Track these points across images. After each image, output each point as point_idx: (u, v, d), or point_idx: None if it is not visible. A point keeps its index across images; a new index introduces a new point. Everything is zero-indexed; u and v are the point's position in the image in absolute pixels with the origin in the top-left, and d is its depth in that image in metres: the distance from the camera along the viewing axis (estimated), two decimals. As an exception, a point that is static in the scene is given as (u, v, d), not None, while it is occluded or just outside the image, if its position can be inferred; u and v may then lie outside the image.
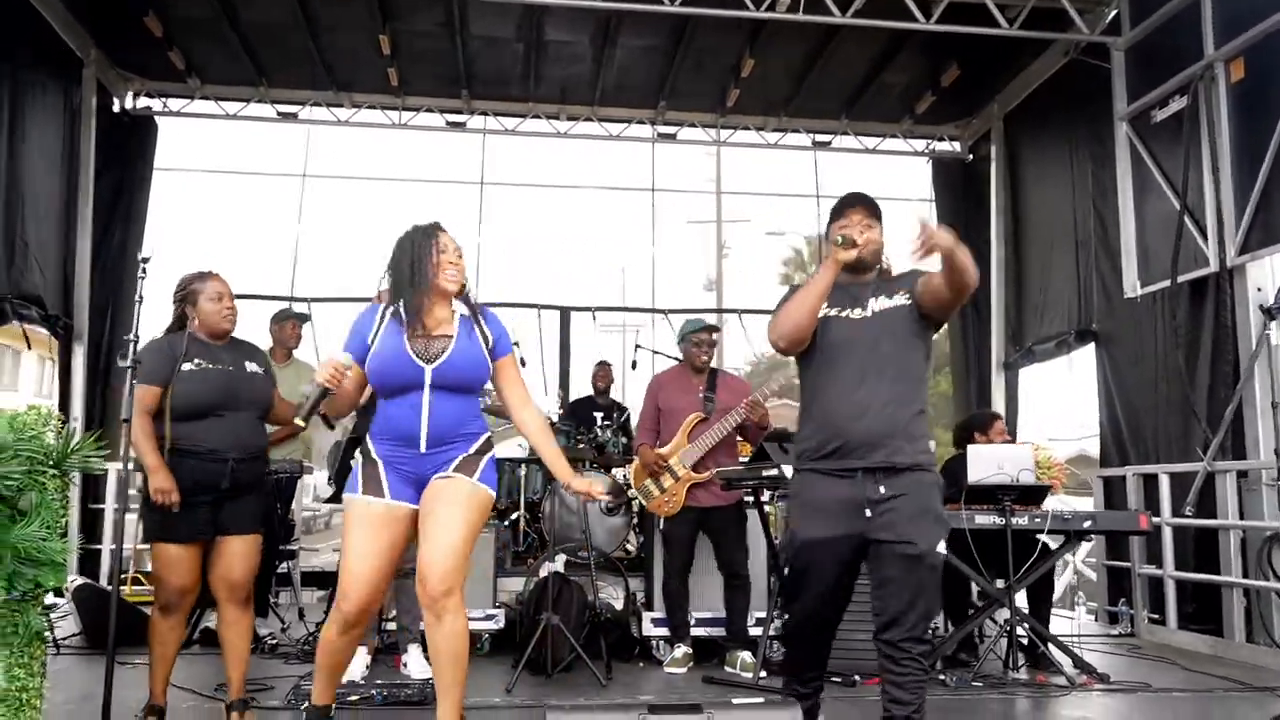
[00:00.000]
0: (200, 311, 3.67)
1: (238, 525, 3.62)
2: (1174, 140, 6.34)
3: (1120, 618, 6.48)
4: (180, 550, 3.54)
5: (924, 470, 2.93)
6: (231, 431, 3.60)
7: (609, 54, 8.23)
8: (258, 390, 3.73)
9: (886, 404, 2.93)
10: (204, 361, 3.63)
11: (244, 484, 3.62)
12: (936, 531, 2.89)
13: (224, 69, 8.52)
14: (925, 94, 8.88)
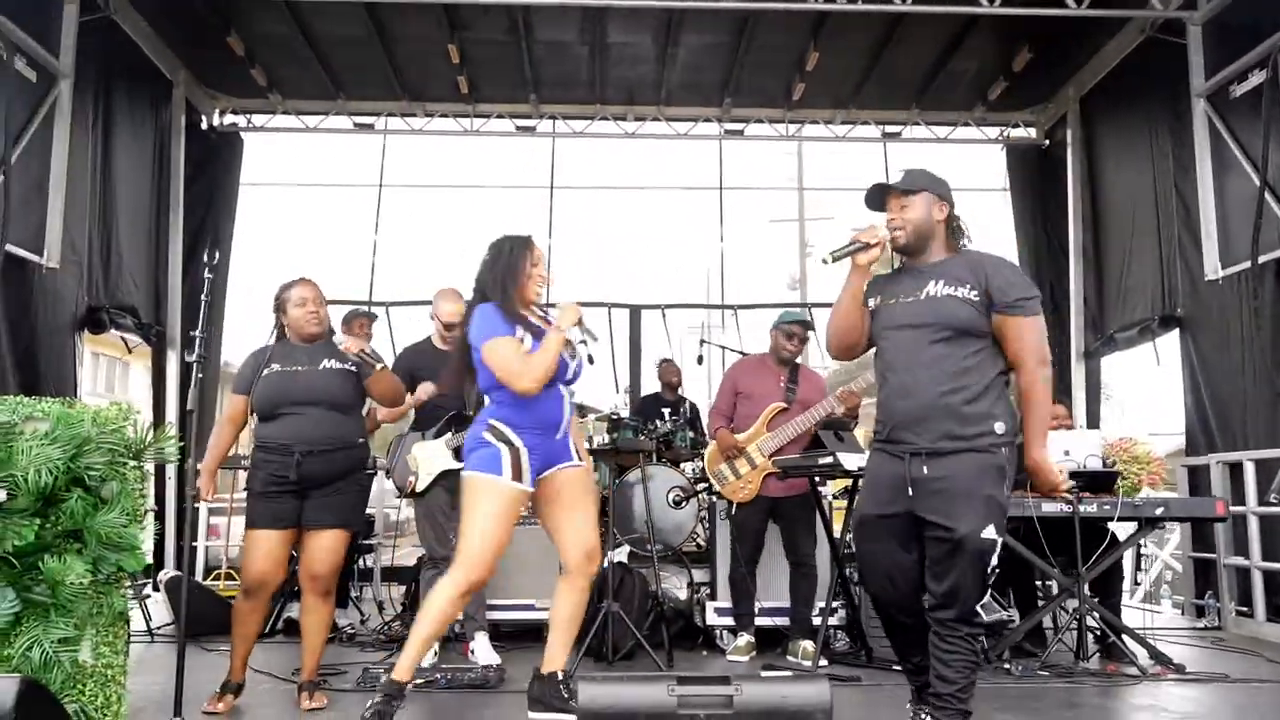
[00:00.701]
0: (289, 317, 3.92)
1: (320, 520, 3.83)
2: (1254, 115, 6.11)
3: (1206, 611, 6.26)
4: (261, 536, 3.76)
5: (978, 452, 2.92)
6: (298, 427, 3.80)
7: (672, 53, 8.29)
8: (328, 385, 3.89)
9: (935, 386, 2.97)
10: (280, 365, 3.88)
11: (320, 476, 3.80)
12: (983, 515, 2.88)
13: (303, 84, 8.85)
14: (997, 80, 8.70)
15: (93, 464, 3.31)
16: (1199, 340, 6.91)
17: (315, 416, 3.83)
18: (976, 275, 3.00)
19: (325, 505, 3.83)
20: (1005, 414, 2.98)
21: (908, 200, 3.10)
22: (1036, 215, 9.27)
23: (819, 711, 2.34)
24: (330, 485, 3.84)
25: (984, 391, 2.97)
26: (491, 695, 4.08)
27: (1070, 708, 3.94)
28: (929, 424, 2.97)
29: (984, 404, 2.96)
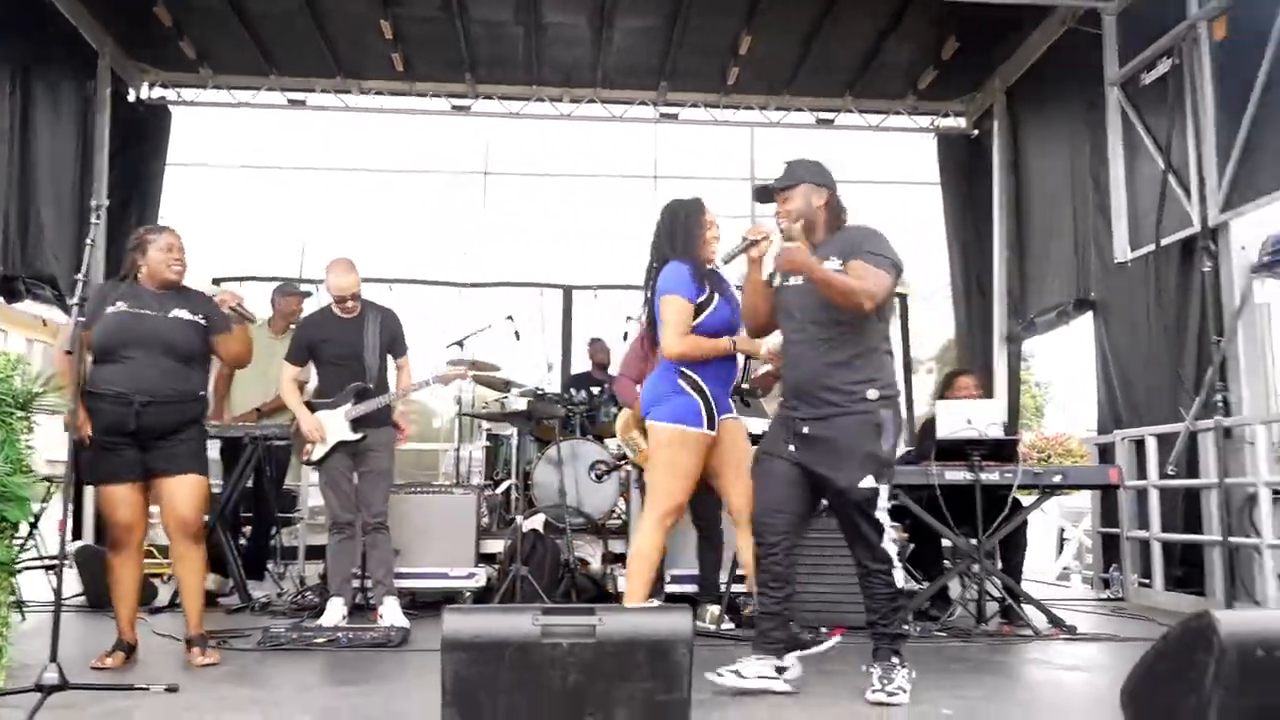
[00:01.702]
0: (149, 259, 3.82)
1: (171, 467, 3.75)
2: (1160, 102, 6.30)
3: (1111, 583, 6.46)
4: (116, 489, 3.69)
5: (854, 414, 3.25)
6: (139, 374, 3.68)
7: (607, 35, 8.33)
8: (175, 333, 3.78)
9: (814, 357, 3.32)
10: (127, 305, 3.73)
11: (158, 427, 3.70)
12: (861, 468, 3.21)
13: (233, 58, 8.75)
14: (928, 69, 8.85)
15: (-25, 413, 3.29)
16: (1109, 322, 7.12)
17: (156, 363, 3.73)
18: (844, 248, 3.31)
19: (172, 454, 3.75)
20: (881, 380, 3.30)
21: (788, 194, 3.41)
22: (965, 204, 9.46)
23: (680, 641, 2.40)
24: (173, 435, 3.75)
25: (861, 361, 3.29)
26: (392, 653, 4.09)
27: (960, 661, 4.06)
28: (812, 390, 3.31)
29: (860, 373, 3.27)
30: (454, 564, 5.44)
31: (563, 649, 2.36)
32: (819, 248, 3.35)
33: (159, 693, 3.13)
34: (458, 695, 2.36)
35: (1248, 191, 5.54)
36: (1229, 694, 2.44)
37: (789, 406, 3.41)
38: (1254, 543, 5.28)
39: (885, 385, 3.30)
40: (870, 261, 3.23)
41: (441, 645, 2.34)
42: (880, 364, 3.33)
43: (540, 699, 2.37)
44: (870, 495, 3.22)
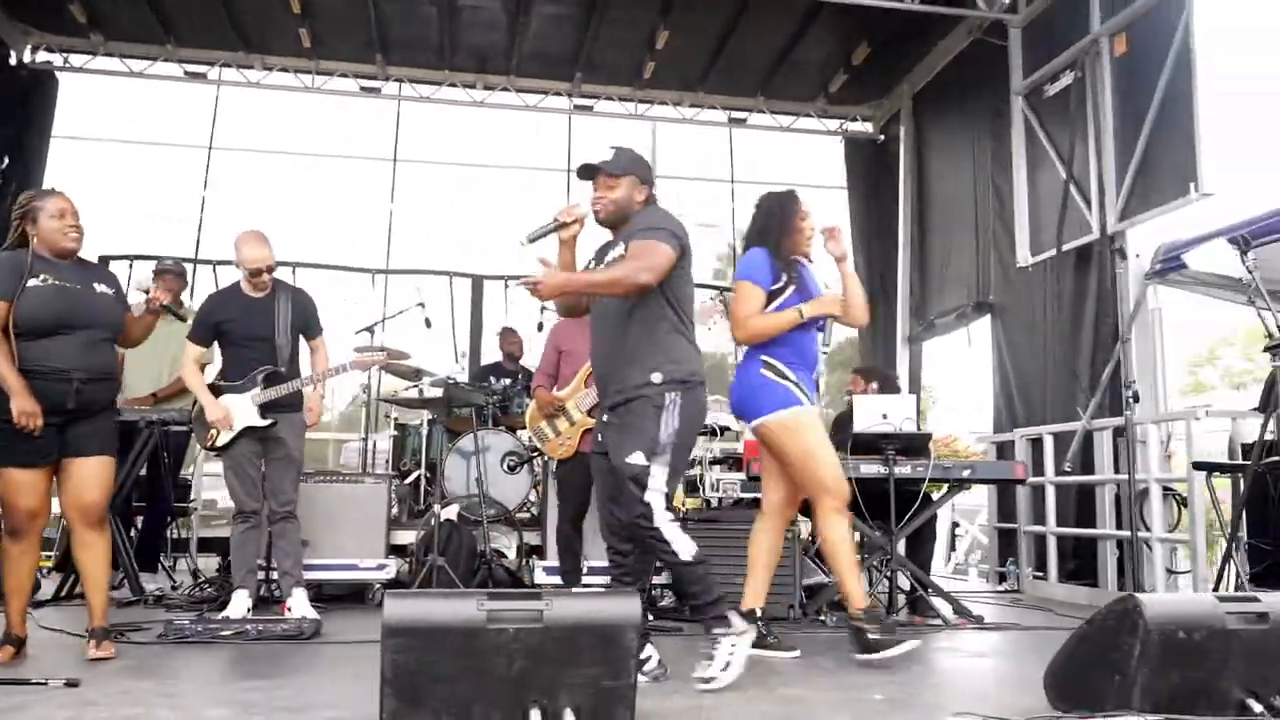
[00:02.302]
0: (40, 230, 3.54)
1: (87, 447, 3.55)
2: (1063, 113, 6.59)
3: (1007, 576, 6.69)
4: (25, 474, 3.46)
5: (636, 400, 3.23)
6: (77, 351, 3.50)
7: (523, 21, 8.23)
8: (107, 310, 3.64)
9: (606, 350, 3.37)
10: (50, 278, 3.51)
11: (91, 405, 3.55)
12: (629, 445, 3.20)
13: (128, 24, 8.35)
14: (838, 73, 9.05)
15: None
16: (1007, 324, 7.39)
17: (92, 341, 3.55)
18: (629, 233, 3.29)
19: (93, 431, 3.57)
20: (669, 363, 3.24)
21: (615, 181, 3.34)
22: (870, 207, 9.69)
23: (629, 625, 2.36)
24: (96, 415, 3.59)
25: (646, 345, 3.26)
26: (304, 645, 3.94)
27: (876, 650, 4.13)
28: (607, 382, 3.36)
29: (647, 358, 3.24)
30: (364, 555, 5.28)
31: (509, 634, 2.29)
32: (618, 238, 3.35)
33: (58, 687, 2.93)
34: (398, 683, 2.27)
35: (1144, 202, 5.83)
36: (1152, 673, 2.54)
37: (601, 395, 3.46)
38: (1145, 536, 5.54)
39: (673, 367, 3.23)
40: (643, 238, 3.19)
41: (382, 631, 2.25)
42: (669, 345, 3.27)
43: (484, 686, 2.30)
44: (639, 472, 3.16)
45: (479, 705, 2.31)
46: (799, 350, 3.74)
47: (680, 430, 3.22)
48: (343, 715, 2.70)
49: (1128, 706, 2.54)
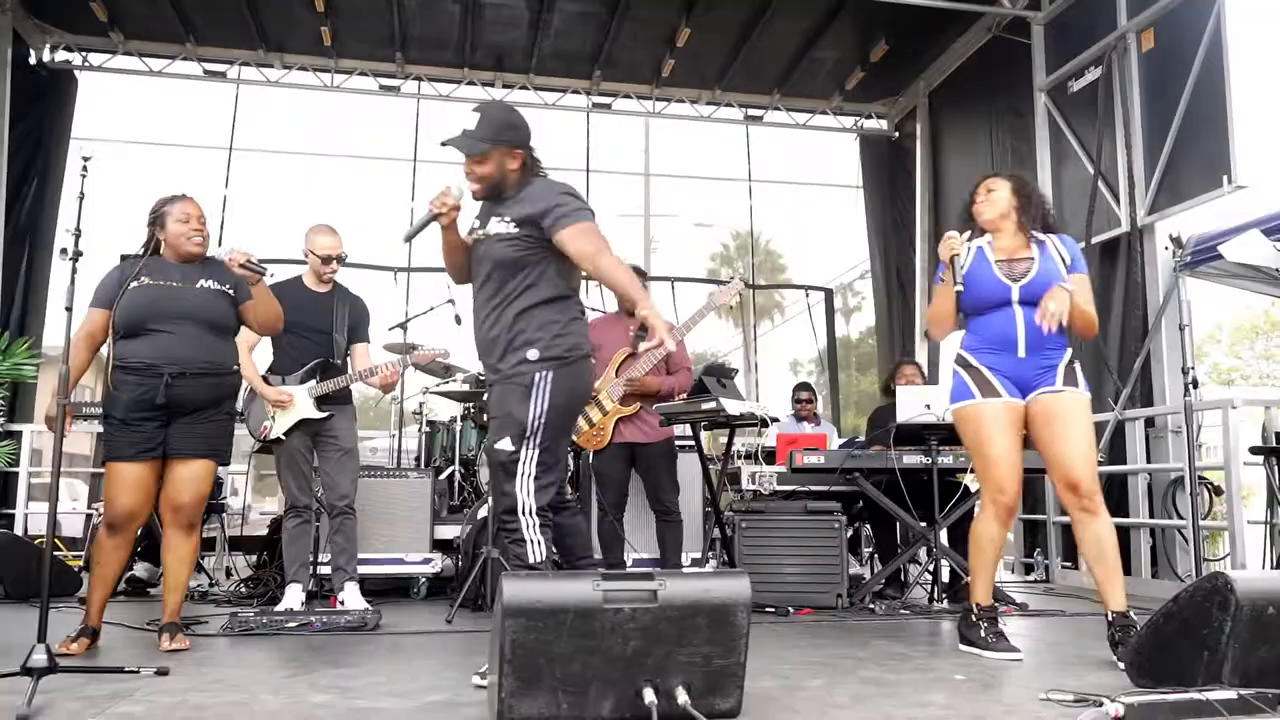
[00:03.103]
0: (168, 233, 3.63)
1: (185, 448, 3.57)
2: (1089, 109, 6.65)
3: (1035, 567, 6.76)
4: (125, 468, 3.49)
5: (509, 381, 3.07)
6: (169, 345, 3.51)
7: (546, 19, 8.26)
8: (203, 304, 3.62)
9: (485, 322, 3.14)
10: (149, 279, 3.57)
11: (187, 401, 3.55)
12: (501, 429, 3.07)
13: (148, 23, 8.34)
14: (855, 70, 9.10)
15: (-61, 377, 3.04)
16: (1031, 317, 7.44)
17: (187, 335, 3.55)
18: (531, 210, 3.08)
19: (193, 432, 3.57)
20: (545, 337, 3.06)
21: (482, 159, 3.13)
22: (886, 202, 9.76)
23: (740, 605, 2.41)
24: (199, 411, 3.58)
25: (525, 321, 3.06)
26: (371, 635, 3.96)
27: (930, 635, 4.19)
28: (486, 357, 3.17)
29: (523, 335, 3.06)
30: (409, 549, 5.30)
31: (624, 614, 2.33)
32: (503, 206, 3.13)
33: (149, 676, 2.95)
34: (517, 663, 2.30)
35: (1174, 195, 5.90)
36: (1243, 649, 2.59)
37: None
38: (1177, 524, 5.62)
39: (551, 343, 3.06)
40: (562, 227, 3.02)
41: (502, 611, 2.28)
42: (549, 321, 3.08)
43: (600, 665, 2.34)
44: (507, 459, 3.01)
45: (595, 684, 2.35)
46: (984, 334, 3.56)
47: (552, 410, 3.04)
48: (447, 698, 2.72)
49: (1218, 682, 2.60)
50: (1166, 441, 5.89)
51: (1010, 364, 3.49)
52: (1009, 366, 3.50)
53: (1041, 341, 3.45)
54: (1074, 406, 3.45)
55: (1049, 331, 3.35)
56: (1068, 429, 3.41)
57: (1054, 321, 3.30)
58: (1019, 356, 3.48)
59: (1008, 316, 3.50)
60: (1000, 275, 3.51)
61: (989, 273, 3.53)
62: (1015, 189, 3.65)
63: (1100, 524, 3.38)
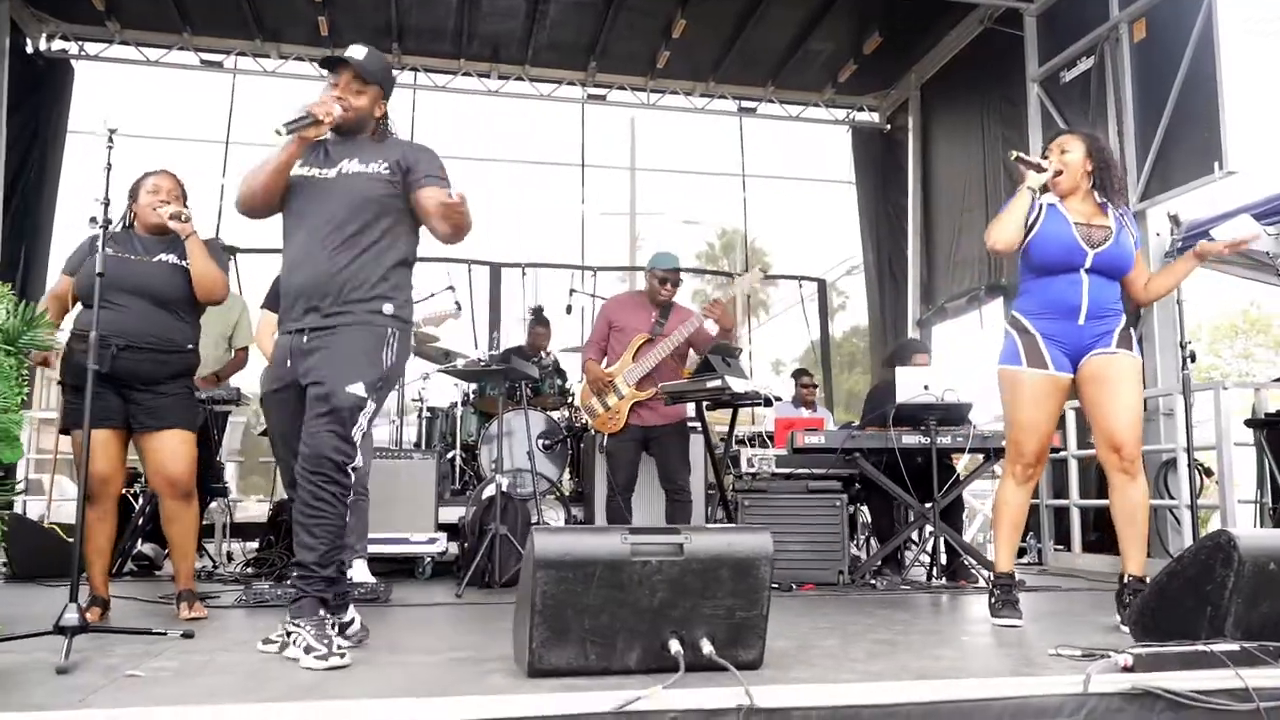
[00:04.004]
0: (139, 204, 3.67)
1: (150, 421, 3.57)
2: (1081, 99, 6.76)
3: (1028, 550, 6.86)
4: (92, 435, 3.48)
5: (363, 326, 2.92)
6: (119, 319, 3.45)
7: (543, 10, 8.29)
8: (155, 278, 3.57)
9: (336, 259, 2.94)
10: (113, 251, 3.47)
11: (139, 375, 3.52)
12: (351, 371, 2.87)
13: (144, 13, 8.32)
14: (848, 62, 9.18)
15: (-36, 347, 3.07)
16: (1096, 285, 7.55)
17: (139, 310, 3.52)
18: (393, 163, 3.04)
19: (154, 408, 3.56)
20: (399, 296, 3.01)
21: (364, 88, 3.11)
22: (878, 195, 9.86)
23: (762, 559, 2.48)
24: (155, 385, 3.56)
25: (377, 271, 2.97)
26: (385, 607, 4.02)
27: (933, 606, 4.29)
28: (326, 292, 2.95)
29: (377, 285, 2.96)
30: (414, 529, 5.35)
31: (651, 566, 2.40)
32: (358, 149, 3.07)
33: (176, 638, 3.00)
34: (548, 614, 2.36)
35: (1165, 182, 6.01)
36: (1245, 604, 2.68)
37: (292, 316, 3.03)
38: (1169, 504, 5.74)
39: (401, 305, 3.03)
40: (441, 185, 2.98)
41: (534, 564, 2.35)
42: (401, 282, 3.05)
43: (627, 616, 2.40)
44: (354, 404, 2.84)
45: (622, 635, 2.42)
46: (1043, 298, 3.49)
47: (394, 369, 3.00)
48: (471, 655, 2.79)
49: (1221, 636, 2.68)
50: (1159, 424, 5.99)
51: (1067, 331, 3.45)
52: (1065, 334, 3.46)
53: (1102, 309, 3.44)
54: (1126, 369, 3.44)
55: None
56: (1116, 390, 3.42)
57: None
58: (1078, 324, 3.44)
59: (1073, 281, 3.43)
60: (1079, 239, 3.42)
61: (1068, 233, 3.43)
62: (1090, 150, 3.57)
63: (1136, 489, 3.46)
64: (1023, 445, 3.52)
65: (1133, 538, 3.50)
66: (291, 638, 2.73)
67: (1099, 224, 3.48)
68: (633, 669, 2.40)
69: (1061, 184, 3.53)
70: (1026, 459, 3.53)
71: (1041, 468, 3.69)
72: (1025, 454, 3.53)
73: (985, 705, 2.32)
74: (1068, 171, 3.52)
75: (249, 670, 2.58)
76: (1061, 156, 3.56)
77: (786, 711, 2.22)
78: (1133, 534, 3.50)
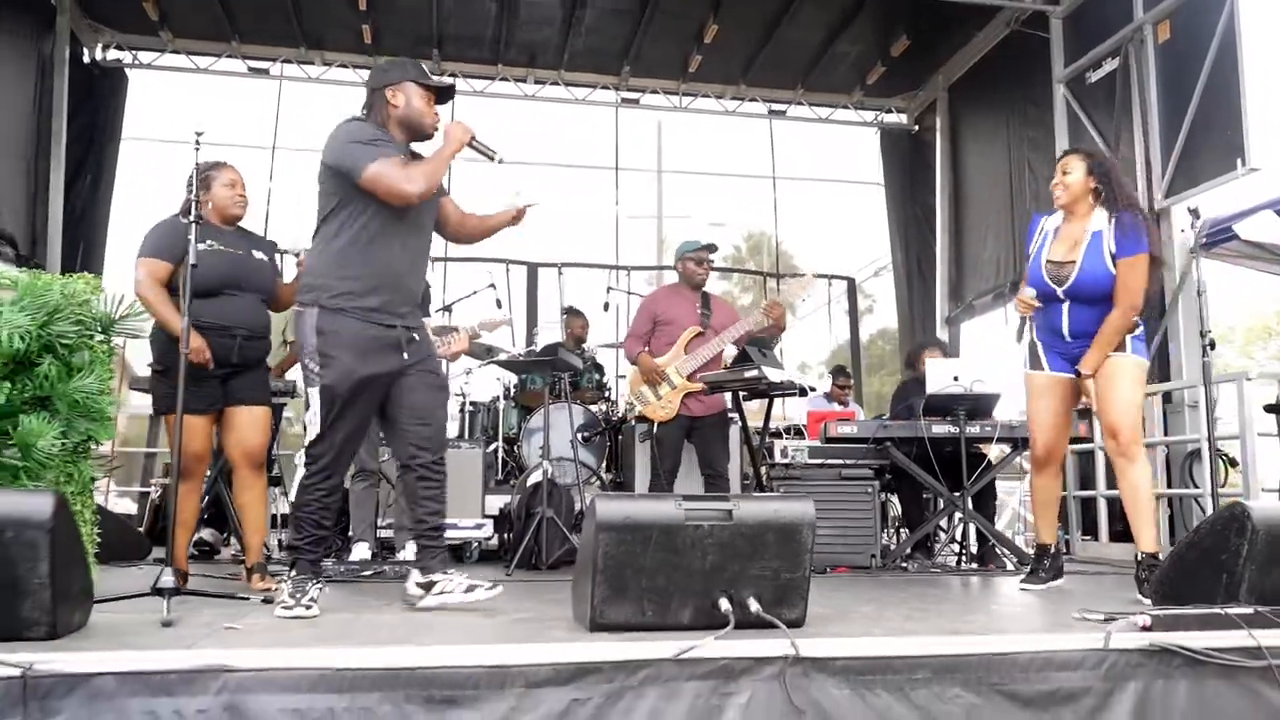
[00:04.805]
0: (214, 196, 3.95)
1: (249, 397, 3.94)
2: (1106, 99, 6.90)
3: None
4: (193, 420, 3.73)
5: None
6: (240, 310, 3.89)
7: (579, 15, 8.53)
8: (264, 276, 4.03)
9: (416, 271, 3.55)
10: (216, 244, 3.86)
11: (251, 359, 3.95)
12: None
13: (196, 22, 8.64)
14: (876, 65, 9.35)
15: (64, 332, 3.33)
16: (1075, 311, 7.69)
17: (251, 302, 3.95)
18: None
19: (252, 384, 3.98)
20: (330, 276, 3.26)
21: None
22: (906, 193, 10.03)
23: (805, 524, 2.68)
24: (254, 369, 4.00)
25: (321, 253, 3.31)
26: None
27: (963, 586, 4.47)
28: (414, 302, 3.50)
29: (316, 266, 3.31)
30: (462, 515, 5.58)
31: (703, 530, 2.61)
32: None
33: (258, 602, 3.24)
34: (608, 574, 2.58)
35: (1189, 178, 6.16)
36: (1259, 570, 2.86)
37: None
38: (1194, 493, 5.87)
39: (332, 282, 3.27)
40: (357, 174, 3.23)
41: (596, 527, 2.57)
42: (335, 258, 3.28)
43: (681, 577, 2.62)
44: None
45: (676, 594, 2.63)
46: (1042, 320, 4.00)
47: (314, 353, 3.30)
48: (533, 616, 3.01)
49: (1236, 601, 2.86)
50: (1184, 415, 6.13)
51: (1059, 344, 3.97)
52: (1060, 345, 3.97)
53: (1086, 330, 3.87)
54: (1119, 367, 3.82)
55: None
56: (1110, 384, 3.81)
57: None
58: (1066, 340, 3.93)
59: (1056, 309, 3.93)
60: (1047, 279, 3.91)
61: (1039, 276, 3.94)
62: (1091, 168, 3.92)
63: (1135, 471, 3.77)
64: (1033, 435, 4.08)
65: (1139, 516, 3.81)
66: (441, 584, 3.27)
67: (1067, 260, 3.87)
68: (686, 625, 2.61)
69: (1062, 200, 3.95)
70: (1037, 448, 4.07)
71: (1054, 459, 4.13)
72: (1035, 444, 4.07)
73: (1011, 658, 2.52)
74: (1069, 192, 3.92)
75: (339, 626, 2.81)
76: (1064, 177, 3.93)
77: (827, 661, 2.43)
78: (1138, 513, 3.81)
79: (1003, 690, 2.49)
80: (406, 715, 2.24)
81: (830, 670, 2.42)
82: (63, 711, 2.13)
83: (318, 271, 3.29)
